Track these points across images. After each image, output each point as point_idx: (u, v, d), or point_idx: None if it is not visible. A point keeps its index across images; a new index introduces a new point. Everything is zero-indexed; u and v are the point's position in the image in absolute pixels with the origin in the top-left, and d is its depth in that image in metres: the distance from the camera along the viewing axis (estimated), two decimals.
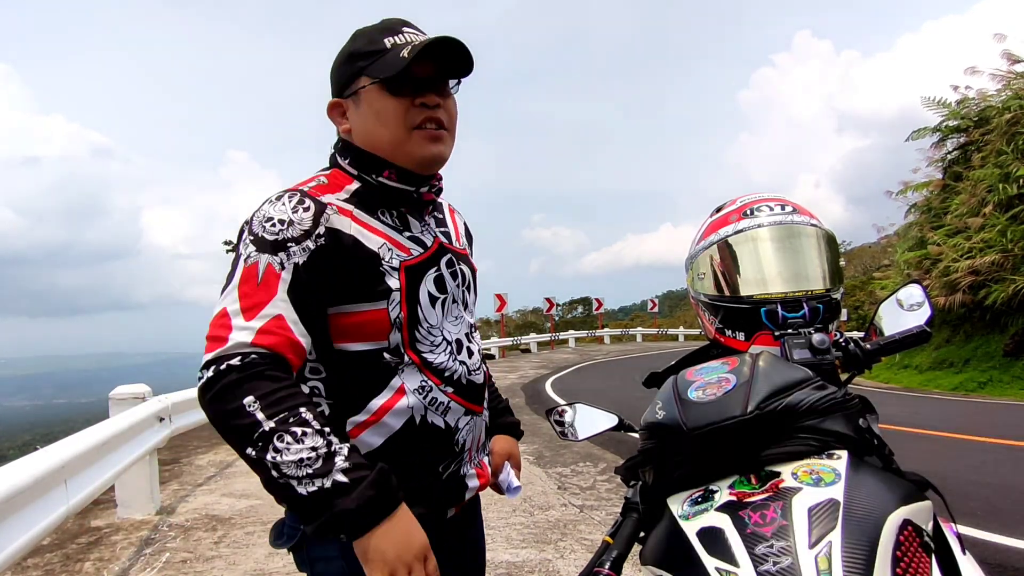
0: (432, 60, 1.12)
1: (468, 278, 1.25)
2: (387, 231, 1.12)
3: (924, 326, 1.20)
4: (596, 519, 4.30)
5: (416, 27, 1.17)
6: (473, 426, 1.21)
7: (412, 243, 1.15)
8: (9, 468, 2.55)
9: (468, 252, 1.31)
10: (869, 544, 0.82)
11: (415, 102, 1.12)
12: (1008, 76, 14.81)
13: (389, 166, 1.13)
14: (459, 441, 1.17)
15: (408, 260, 1.12)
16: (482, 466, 1.27)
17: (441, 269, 1.17)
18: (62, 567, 3.73)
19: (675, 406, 1.06)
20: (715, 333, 1.37)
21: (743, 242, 1.33)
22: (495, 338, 24.28)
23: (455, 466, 1.18)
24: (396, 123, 1.12)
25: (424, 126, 1.12)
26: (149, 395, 4.81)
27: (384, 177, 1.14)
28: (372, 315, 1.08)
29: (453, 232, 1.28)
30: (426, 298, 1.13)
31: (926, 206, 16.76)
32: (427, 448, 1.13)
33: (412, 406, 1.11)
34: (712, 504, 0.95)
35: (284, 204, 1.05)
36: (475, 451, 1.24)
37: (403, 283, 1.10)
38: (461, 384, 1.17)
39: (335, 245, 1.05)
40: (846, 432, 1.01)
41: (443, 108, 1.14)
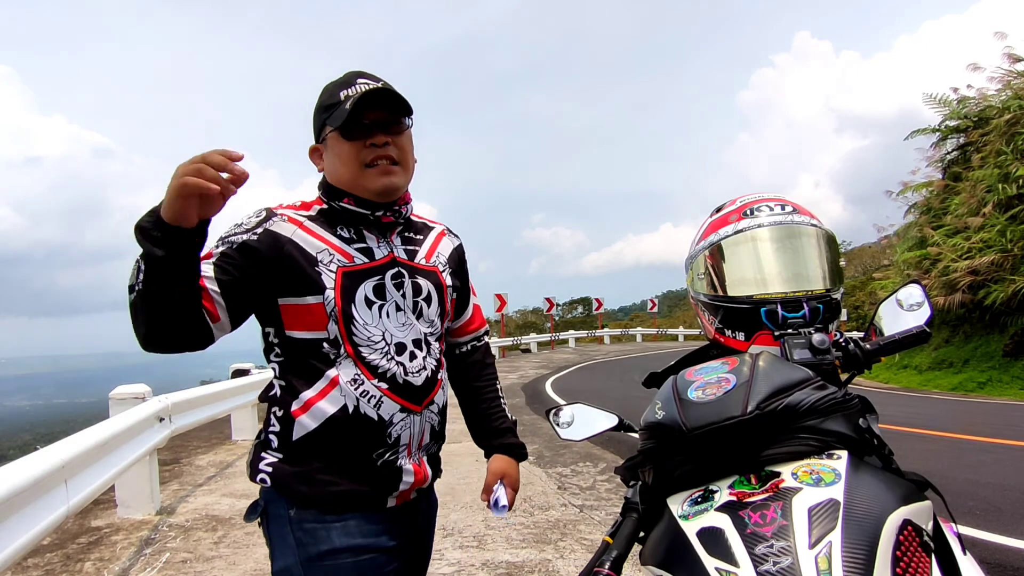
0: (380, 105, 1.32)
1: (427, 291, 1.40)
2: (335, 241, 1.32)
3: (924, 326, 1.20)
4: (596, 519, 4.30)
5: (371, 77, 1.36)
6: (410, 423, 1.34)
7: (359, 253, 1.34)
8: (9, 468, 2.55)
9: (439, 270, 1.45)
10: (869, 544, 0.82)
11: (366, 143, 1.32)
12: (1008, 76, 14.81)
13: (349, 195, 1.35)
14: (392, 434, 1.31)
15: (346, 266, 1.31)
16: (421, 463, 1.38)
17: (384, 280, 1.34)
18: (62, 567, 3.73)
19: (675, 406, 1.07)
20: (715, 333, 1.37)
21: (743, 242, 1.33)
22: (495, 338, 24.28)
23: (390, 456, 1.32)
24: (351, 162, 1.32)
25: (375, 163, 1.32)
26: (149, 395, 4.81)
27: (344, 203, 1.35)
28: (312, 307, 1.28)
29: (425, 252, 1.44)
30: (362, 299, 1.30)
31: (926, 206, 16.76)
32: (360, 435, 1.29)
33: (345, 394, 1.28)
34: (712, 504, 0.95)
35: (248, 215, 1.32)
36: (415, 448, 1.36)
37: (338, 283, 1.29)
38: (396, 382, 1.31)
39: (269, 244, 1.27)
40: (846, 432, 1.01)
41: (393, 145, 1.33)
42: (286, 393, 1.30)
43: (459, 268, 1.54)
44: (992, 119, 14.48)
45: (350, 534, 1.28)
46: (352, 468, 1.29)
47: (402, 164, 1.36)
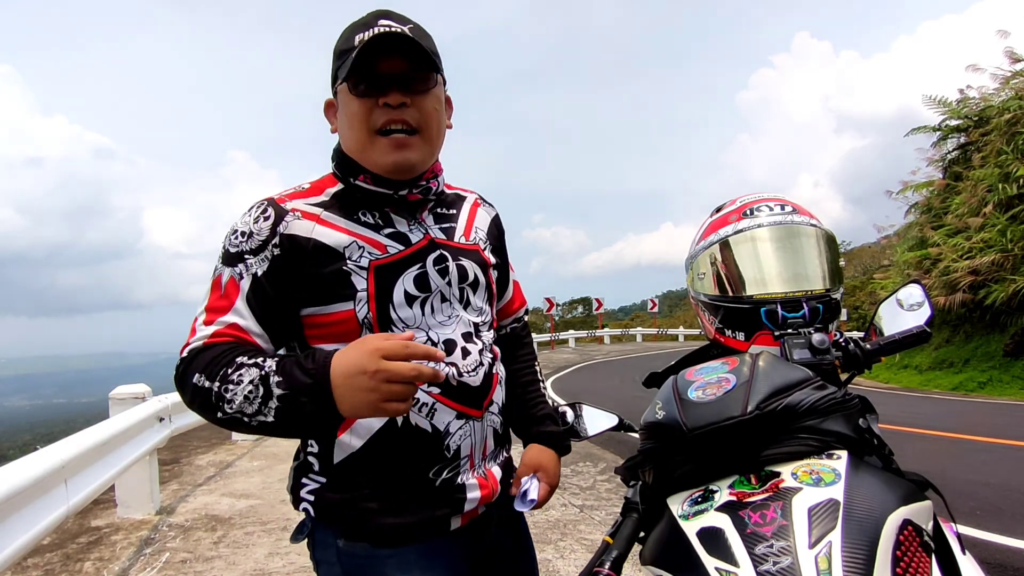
0: (401, 55, 1.07)
1: (472, 274, 1.19)
2: (361, 230, 1.10)
3: (924, 326, 1.19)
4: (596, 519, 4.30)
5: (396, 18, 1.10)
6: (470, 431, 1.14)
7: (391, 240, 1.12)
8: (9, 468, 2.55)
9: (480, 248, 1.24)
10: (869, 544, 0.82)
11: (379, 102, 1.08)
12: (1008, 76, 14.81)
13: (363, 170, 1.12)
14: (451, 446, 1.12)
15: (379, 259, 1.09)
16: (488, 476, 1.19)
17: (426, 267, 1.13)
18: (62, 567, 3.73)
19: (675, 406, 1.06)
20: (715, 333, 1.37)
21: (743, 242, 1.33)
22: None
23: (450, 473, 1.12)
24: (360, 125, 1.09)
25: (388, 129, 1.09)
26: (149, 395, 4.81)
27: (360, 181, 1.13)
28: (340, 316, 1.07)
29: (463, 228, 1.23)
30: (401, 297, 1.10)
31: (926, 206, 16.75)
32: (413, 452, 1.10)
33: None
34: (712, 504, 0.95)
35: (249, 216, 1.08)
36: (478, 459, 1.17)
37: (371, 283, 1.08)
38: (449, 385, 1.11)
39: (293, 251, 1.06)
40: (846, 432, 1.01)
41: (413, 107, 1.09)
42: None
43: (499, 243, 1.33)
44: (992, 119, 14.47)
45: (406, 568, 1.10)
46: (406, 491, 1.10)
47: (423, 132, 1.11)
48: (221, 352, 1.00)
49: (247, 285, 1.05)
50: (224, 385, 0.96)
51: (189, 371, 1.00)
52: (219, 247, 1.11)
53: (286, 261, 1.05)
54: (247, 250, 1.06)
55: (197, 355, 1.01)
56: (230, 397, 0.96)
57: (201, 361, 1.00)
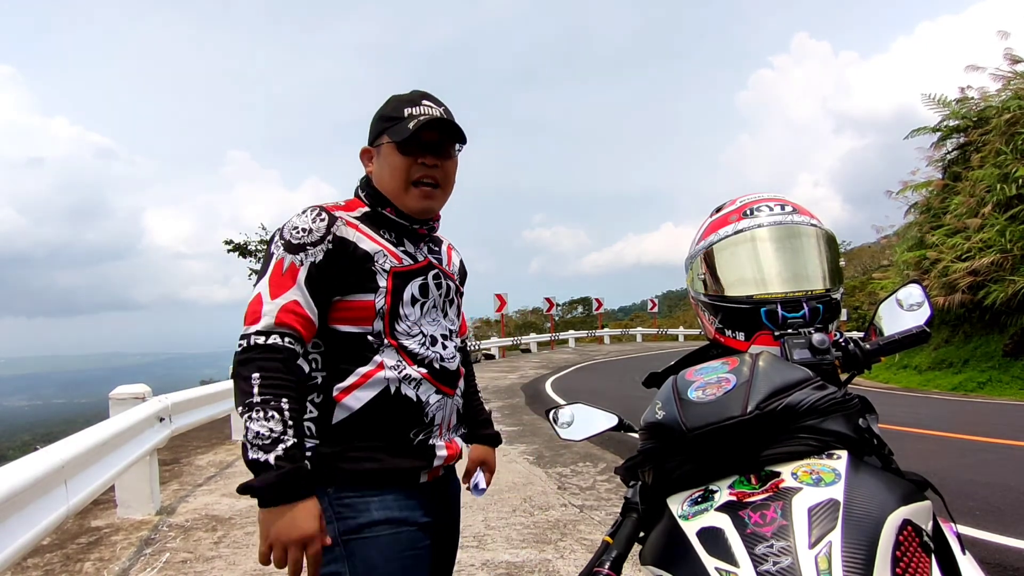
0: (438, 129, 1.43)
1: (452, 294, 1.53)
2: (385, 243, 1.41)
3: (923, 326, 1.20)
4: (596, 519, 4.30)
5: (434, 100, 1.47)
6: (443, 405, 1.43)
7: (405, 255, 1.43)
8: (9, 468, 2.55)
9: (455, 277, 1.58)
10: (869, 544, 0.82)
11: (417, 161, 1.42)
12: (1008, 76, 14.81)
13: (391, 205, 1.44)
14: (428, 414, 1.40)
15: (398, 267, 1.40)
16: (452, 442, 1.48)
17: (427, 280, 1.45)
18: (62, 567, 3.73)
19: (675, 406, 1.07)
20: (715, 333, 1.37)
21: (743, 242, 1.33)
22: (495, 338, 24.29)
23: (424, 435, 1.40)
24: (400, 176, 1.42)
25: (421, 182, 1.42)
26: (149, 395, 4.81)
27: (387, 212, 1.44)
28: (362, 303, 1.36)
29: (446, 259, 1.57)
30: (409, 297, 1.40)
31: (925, 206, 16.76)
32: (399, 415, 1.36)
33: (388, 377, 1.35)
34: (712, 504, 0.95)
35: (307, 216, 1.36)
36: (446, 428, 1.46)
37: (390, 283, 1.38)
38: (433, 367, 1.41)
39: (341, 249, 1.34)
40: (846, 432, 1.01)
41: (440, 168, 1.45)
42: (328, 380, 1.35)
43: (462, 279, 1.67)
44: (992, 119, 14.47)
45: (388, 507, 1.34)
46: (390, 446, 1.36)
47: (443, 187, 1.47)
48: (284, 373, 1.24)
49: (306, 270, 1.31)
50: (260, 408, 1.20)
51: (255, 360, 1.23)
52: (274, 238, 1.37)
53: (335, 256, 1.33)
54: (308, 243, 1.33)
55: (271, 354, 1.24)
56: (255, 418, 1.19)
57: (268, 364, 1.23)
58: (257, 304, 1.29)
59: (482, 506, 4.56)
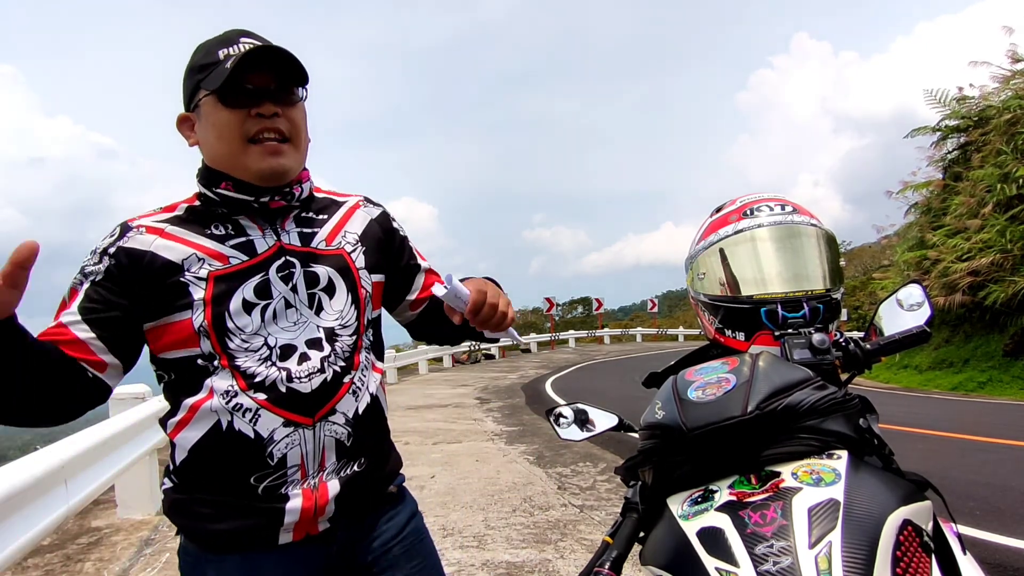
0: (269, 70, 1.13)
1: (327, 279, 1.18)
2: (206, 243, 1.13)
3: (924, 326, 1.19)
4: (596, 519, 4.30)
5: (257, 37, 1.17)
6: (299, 440, 1.11)
7: (236, 251, 1.14)
8: (9, 468, 2.55)
9: (346, 251, 1.23)
10: (869, 544, 0.82)
11: (251, 112, 1.12)
12: (1009, 75, 14.81)
13: (227, 178, 1.15)
14: (274, 454, 1.09)
15: (219, 270, 1.12)
16: (319, 488, 1.12)
17: (268, 275, 1.14)
18: (62, 567, 3.73)
19: (675, 406, 1.06)
20: (715, 333, 1.37)
21: (743, 242, 1.33)
22: None
23: (273, 482, 1.10)
24: (231, 135, 1.13)
25: (261, 138, 1.13)
26: (149, 395, 4.81)
27: (222, 188, 1.15)
28: (178, 326, 1.10)
29: (327, 233, 1.22)
30: (238, 305, 1.11)
31: (926, 206, 16.76)
32: (235, 458, 1.09)
33: (216, 409, 1.09)
34: (712, 504, 0.95)
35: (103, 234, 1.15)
36: (312, 470, 1.12)
37: (209, 292, 1.10)
38: (277, 390, 1.10)
39: (129, 263, 1.10)
40: (846, 432, 1.01)
41: (283, 117, 1.14)
42: (169, 413, 1.16)
43: (384, 242, 1.30)
44: (992, 119, 14.47)
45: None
46: (232, 497, 1.10)
47: (293, 141, 1.16)
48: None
49: (83, 291, 1.09)
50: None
51: None
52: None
53: (121, 272, 1.10)
54: (89, 263, 1.12)
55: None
56: None
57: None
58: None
59: (482, 506, 4.57)
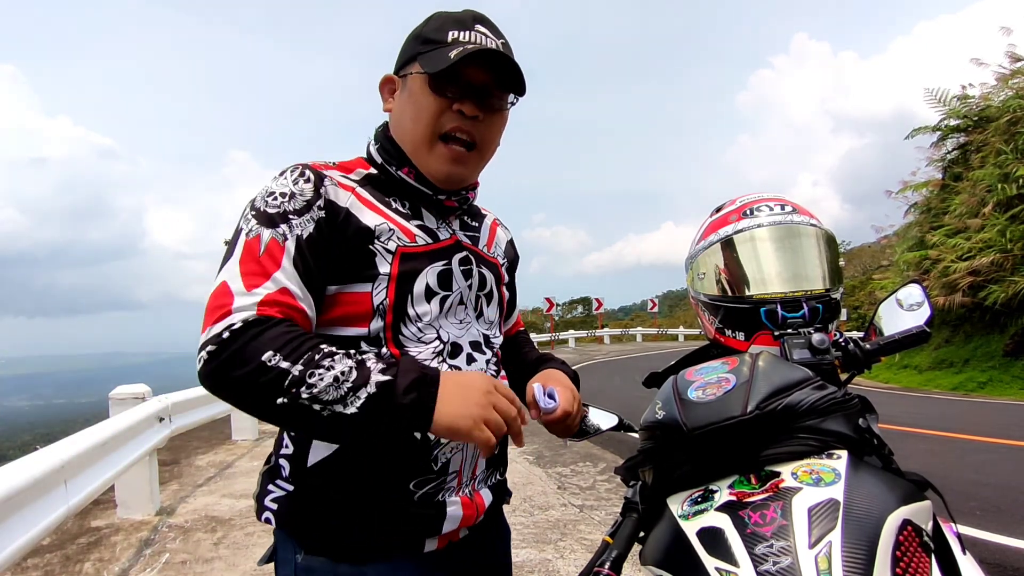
0: (489, 69, 1.06)
1: (490, 286, 1.16)
2: (392, 214, 1.05)
3: (924, 326, 1.19)
4: (596, 519, 4.30)
5: (491, 28, 1.09)
6: (463, 445, 1.05)
7: (421, 232, 1.07)
8: (9, 468, 2.55)
9: (499, 263, 1.22)
10: (869, 544, 0.82)
11: (453, 106, 1.05)
12: (1008, 75, 14.81)
13: (410, 164, 1.09)
14: (439, 458, 1.02)
15: (408, 246, 1.03)
16: (475, 497, 1.09)
17: (451, 265, 1.08)
18: (62, 567, 3.73)
19: (675, 406, 1.06)
20: (715, 333, 1.37)
21: (743, 242, 1.33)
22: None
23: (432, 488, 1.02)
24: (426, 122, 1.06)
25: (452, 137, 1.06)
26: (149, 395, 4.81)
27: (403, 173, 1.09)
28: (354, 297, 1.00)
29: (486, 239, 1.21)
30: (421, 289, 1.03)
31: (925, 206, 16.76)
32: (396, 460, 1.00)
33: None
34: (712, 504, 0.95)
35: (286, 178, 1.00)
36: (467, 477, 1.07)
37: (395, 268, 1.01)
38: None
39: (332, 218, 0.99)
40: (846, 432, 1.01)
41: (482, 122, 1.07)
42: None
43: (513, 265, 1.31)
44: (992, 119, 14.47)
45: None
46: (381, 503, 1.00)
47: (480, 150, 1.10)
48: (300, 334, 0.89)
49: (292, 247, 0.95)
50: (309, 369, 0.85)
51: (253, 347, 0.86)
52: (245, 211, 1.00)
53: (328, 227, 0.99)
54: (291, 210, 0.97)
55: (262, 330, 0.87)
56: (314, 381, 0.84)
57: (270, 338, 0.87)
58: (223, 297, 0.91)
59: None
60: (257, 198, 1.00)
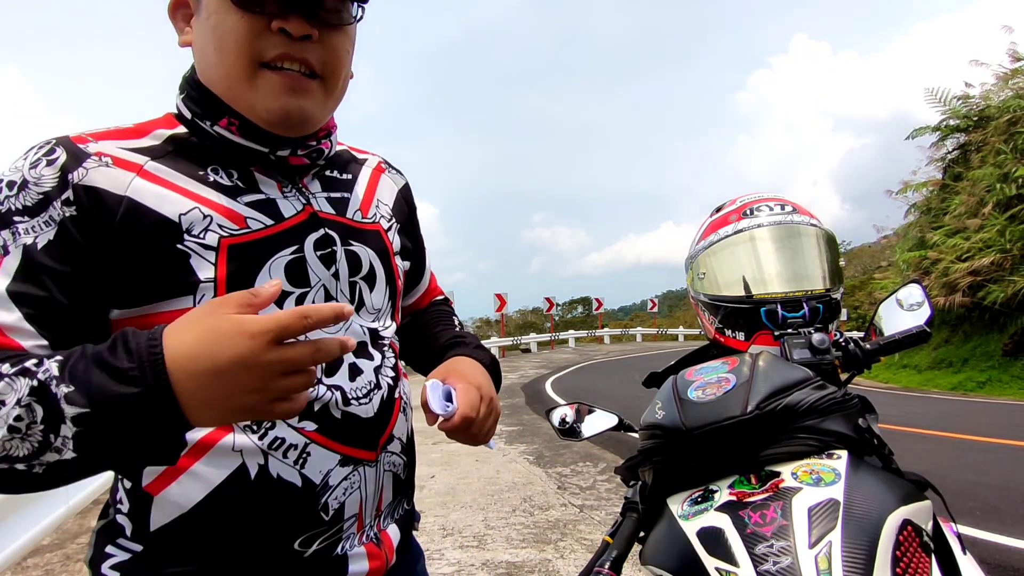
0: None
1: (368, 264, 0.88)
2: (209, 193, 0.77)
3: (924, 326, 1.19)
4: (596, 519, 4.30)
5: None
6: (359, 481, 0.82)
7: (254, 211, 0.79)
8: None
9: (383, 228, 0.93)
10: (869, 544, 0.82)
11: (272, 25, 0.76)
12: (1008, 75, 14.81)
13: (229, 112, 0.79)
14: (330, 505, 0.80)
15: (235, 236, 0.76)
16: (381, 541, 0.87)
17: (304, 251, 0.81)
18: (62, 567, 3.73)
19: (675, 406, 1.06)
20: (715, 333, 1.37)
21: (743, 242, 1.33)
22: (495, 338, 24.29)
23: (326, 542, 0.80)
24: (237, 51, 0.76)
25: (279, 65, 0.77)
26: None
27: (222, 127, 0.79)
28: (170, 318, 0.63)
29: (359, 200, 0.91)
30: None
31: (925, 206, 16.77)
32: (273, 515, 0.77)
33: (241, 448, 0.75)
34: (712, 504, 0.95)
35: (23, 159, 0.72)
36: (369, 517, 0.85)
37: (221, 270, 0.74)
38: (330, 417, 0.80)
39: (96, 212, 0.71)
40: (846, 432, 1.01)
41: (319, 44, 0.78)
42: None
43: (409, 222, 1.02)
44: (992, 119, 14.48)
45: None
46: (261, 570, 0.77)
47: (327, 79, 0.81)
48: None
49: (15, 264, 0.68)
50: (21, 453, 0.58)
51: None
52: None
53: (86, 229, 0.70)
54: (17, 208, 0.69)
55: None
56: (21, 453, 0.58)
57: None
58: None
59: (482, 506, 4.57)
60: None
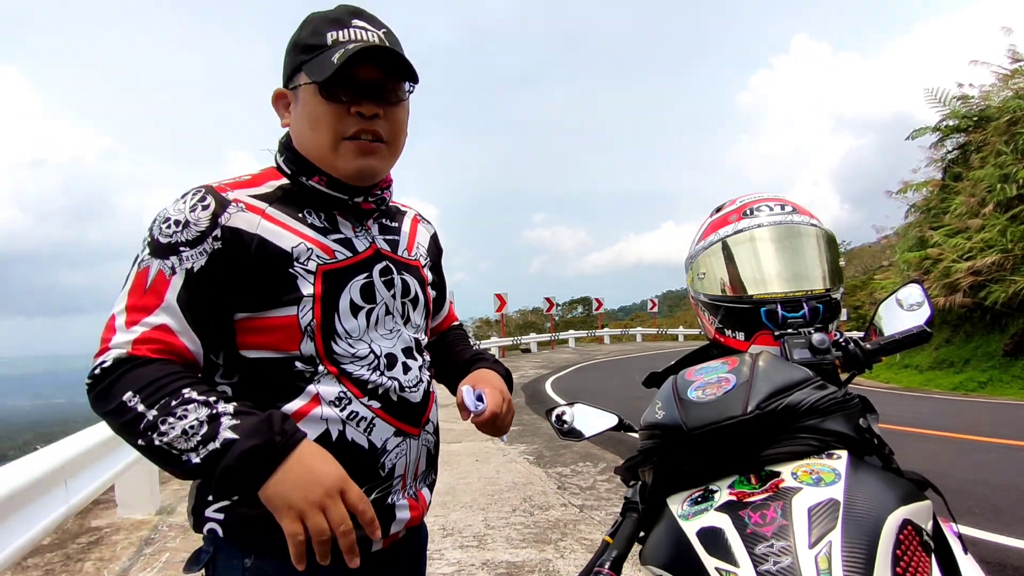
0: (376, 64, 1.04)
1: (414, 290, 1.16)
2: (308, 231, 1.05)
3: (924, 326, 1.19)
4: (596, 519, 4.30)
5: (369, 20, 1.07)
6: (406, 450, 1.09)
7: (339, 246, 1.07)
8: (9, 468, 2.56)
9: (420, 265, 1.22)
10: (869, 544, 0.82)
11: (350, 110, 1.04)
12: (1008, 75, 14.81)
13: (319, 172, 1.07)
14: (386, 465, 1.06)
15: (328, 264, 1.04)
16: (418, 498, 1.15)
17: (372, 277, 1.09)
18: (62, 567, 3.73)
19: (675, 406, 1.06)
20: (715, 333, 1.37)
21: (743, 242, 1.33)
22: (495, 338, 24.30)
23: (380, 493, 1.06)
24: (326, 131, 1.04)
25: (357, 137, 1.05)
26: None
27: (314, 182, 1.07)
28: (280, 321, 1.00)
29: (405, 242, 1.21)
30: (347, 306, 1.05)
31: (926, 206, 16.76)
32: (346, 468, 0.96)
33: (327, 417, 1.01)
34: (712, 504, 0.95)
35: (183, 203, 0.99)
36: (410, 479, 1.12)
37: (318, 289, 1.02)
38: (389, 400, 1.07)
39: (236, 246, 0.98)
40: (846, 432, 1.01)
41: (384, 119, 1.06)
42: None
43: (436, 262, 1.32)
44: (992, 119, 14.48)
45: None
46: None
47: (390, 143, 1.09)
48: (164, 375, 0.92)
49: (180, 281, 0.96)
50: (163, 416, 0.89)
51: (118, 386, 0.91)
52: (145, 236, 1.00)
53: (227, 257, 0.98)
54: (182, 241, 0.97)
55: (128, 369, 0.92)
56: (165, 430, 0.88)
57: (136, 378, 0.91)
58: (108, 331, 0.95)
59: (482, 506, 4.57)
60: (155, 223, 1.00)
